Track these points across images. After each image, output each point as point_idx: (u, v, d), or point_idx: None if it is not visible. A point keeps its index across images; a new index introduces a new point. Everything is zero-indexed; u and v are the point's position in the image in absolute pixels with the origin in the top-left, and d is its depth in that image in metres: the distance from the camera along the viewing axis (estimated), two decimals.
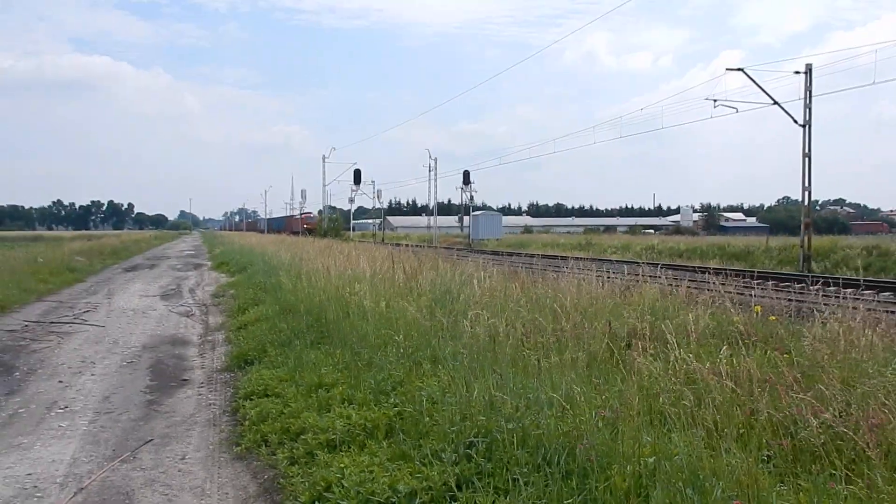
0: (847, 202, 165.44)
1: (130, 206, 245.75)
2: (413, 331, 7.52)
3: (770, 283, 17.02)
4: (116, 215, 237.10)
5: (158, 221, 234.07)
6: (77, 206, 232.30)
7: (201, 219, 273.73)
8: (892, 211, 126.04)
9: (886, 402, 4.48)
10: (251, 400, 6.82)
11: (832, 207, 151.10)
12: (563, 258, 24.76)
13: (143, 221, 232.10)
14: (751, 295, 10.53)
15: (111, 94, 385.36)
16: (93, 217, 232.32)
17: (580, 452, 4.07)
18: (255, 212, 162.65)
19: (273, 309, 11.62)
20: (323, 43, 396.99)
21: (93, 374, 8.78)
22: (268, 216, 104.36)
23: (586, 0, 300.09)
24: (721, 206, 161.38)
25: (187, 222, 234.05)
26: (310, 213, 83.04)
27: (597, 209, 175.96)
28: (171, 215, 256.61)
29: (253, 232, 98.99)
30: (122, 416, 6.95)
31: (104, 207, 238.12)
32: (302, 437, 5.42)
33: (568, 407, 4.72)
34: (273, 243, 35.29)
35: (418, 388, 5.70)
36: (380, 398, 5.81)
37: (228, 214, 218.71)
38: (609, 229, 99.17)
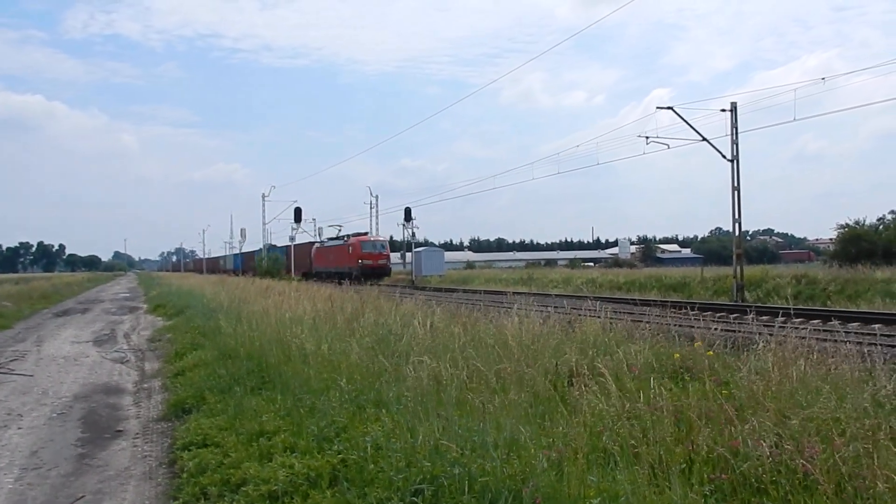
0: (775, 232, 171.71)
1: (62, 247, 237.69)
2: (356, 374, 7.44)
3: (707, 314, 17.49)
4: (47, 257, 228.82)
5: (92, 263, 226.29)
6: (4, 248, 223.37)
7: (137, 259, 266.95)
8: (817, 239, 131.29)
9: (820, 430, 4.63)
10: (189, 450, 6.58)
11: (762, 237, 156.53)
12: (506, 293, 24.93)
13: (75, 263, 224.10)
14: (689, 327, 10.80)
15: (44, 133, 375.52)
16: (21, 259, 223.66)
17: (526, 496, 4.06)
18: (193, 251, 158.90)
19: (212, 354, 11.33)
20: (262, 81, 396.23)
21: (20, 428, 8.38)
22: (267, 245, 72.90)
23: (523, 40, 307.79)
24: (657, 238, 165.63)
25: (122, 263, 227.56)
26: (364, 234, 55.13)
27: (537, 243, 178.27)
28: (106, 256, 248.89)
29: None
30: (51, 472, 6.63)
31: (33, 249, 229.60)
32: (243, 488, 5.25)
33: (513, 449, 4.72)
34: (212, 284, 34.57)
35: (362, 433, 5.62)
36: (323, 445, 5.69)
37: (165, 254, 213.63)
38: (550, 263, 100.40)
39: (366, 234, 54.20)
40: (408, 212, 61.67)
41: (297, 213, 61.12)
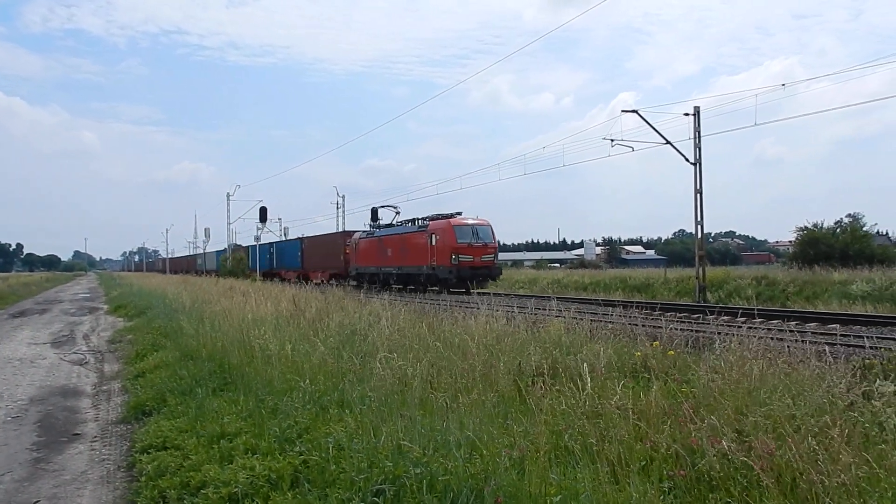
0: (737, 234, 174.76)
1: (20, 246, 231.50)
2: (320, 374, 7.38)
3: (669, 314, 17.73)
4: (4, 256, 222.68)
5: (51, 262, 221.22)
6: None
7: (98, 259, 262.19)
8: (777, 242, 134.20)
9: (776, 428, 4.71)
10: (148, 453, 6.47)
11: (724, 239, 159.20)
12: (471, 293, 24.95)
13: (33, 263, 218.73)
14: (652, 327, 10.93)
15: (5, 131, 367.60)
16: None
17: (488, 494, 4.07)
18: (156, 251, 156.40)
19: (173, 355, 11.17)
20: (228, 80, 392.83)
21: None
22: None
23: (491, 41, 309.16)
24: (622, 240, 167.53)
25: (82, 263, 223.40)
26: (454, 215, 33.36)
27: (504, 244, 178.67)
28: (65, 256, 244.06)
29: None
30: (4, 478, 6.46)
31: None
32: (203, 491, 5.18)
33: (476, 448, 4.73)
34: (174, 284, 34.09)
35: (325, 434, 5.58)
36: (285, 446, 5.64)
37: (128, 254, 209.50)
38: (516, 264, 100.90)
39: (457, 214, 33.42)
40: (374, 212, 61.13)
41: (263, 213, 60.25)
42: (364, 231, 42.30)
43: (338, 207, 62.60)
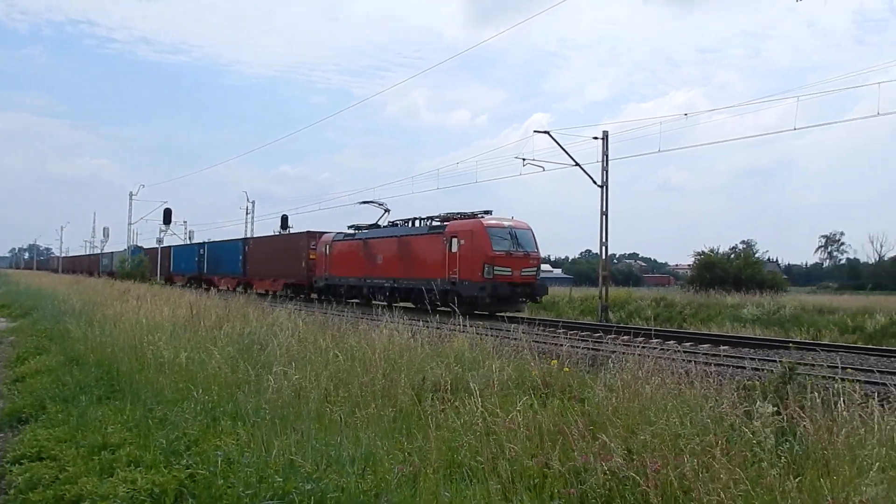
0: (640, 256, 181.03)
1: None
2: (214, 384, 7.14)
3: (573, 332, 18.13)
4: None
5: None
6: None
7: None
8: (677, 265, 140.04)
9: (664, 446, 4.86)
10: (20, 464, 6.04)
11: (627, 261, 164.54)
12: (379, 307, 24.78)
13: None
14: (554, 344, 11.14)
15: None
16: None
17: None
18: (48, 249, 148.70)
19: (58, 359, 10.57)
20: (137, 76, 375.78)
21: None
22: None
23: (410, 55, 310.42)
24: None
25: None
26: (482, 214, 26.25)
27: None
28: None
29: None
30: None
31: None
32: None
33: (369, 463, 4.67)
34: (66, 285, 32.44)
35: (215, 447, 5.38)
36: (171, 459, 5.40)
37: (17, 251, 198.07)
38: None
39: (486, 213, 26.45)
40: (284, 219, 59.95)
41: (167, 214, 58.33)
42: (340, 232, 34.45)
43: (247, 213, 61.18)
